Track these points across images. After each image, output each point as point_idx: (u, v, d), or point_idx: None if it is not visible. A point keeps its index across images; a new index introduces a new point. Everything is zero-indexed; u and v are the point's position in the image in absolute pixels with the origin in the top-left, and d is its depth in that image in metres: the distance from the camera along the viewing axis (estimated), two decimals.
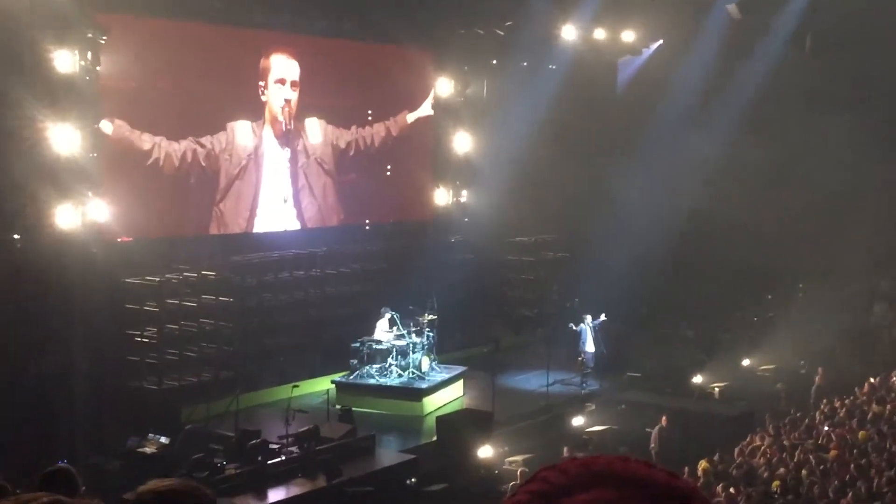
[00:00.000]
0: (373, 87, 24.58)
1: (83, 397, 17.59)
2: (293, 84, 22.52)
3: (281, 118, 22.45)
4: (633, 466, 2.47)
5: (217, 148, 21.25)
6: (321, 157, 23.57)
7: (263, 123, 22.20)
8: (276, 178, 22.61)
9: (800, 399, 21.47)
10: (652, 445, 19.02)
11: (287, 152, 22.81)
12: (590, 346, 23.21)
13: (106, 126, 18.72)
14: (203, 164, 21.05)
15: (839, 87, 26.37)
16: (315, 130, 23.38)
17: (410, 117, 25.52)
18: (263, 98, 22.17)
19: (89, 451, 17.10)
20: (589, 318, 23.29)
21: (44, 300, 17.32)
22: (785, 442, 17.27)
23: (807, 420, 18.69)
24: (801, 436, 17.64)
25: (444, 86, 26.04)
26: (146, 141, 19.80)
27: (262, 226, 22.40)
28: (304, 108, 22.93)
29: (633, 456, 2.54)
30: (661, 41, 28.80)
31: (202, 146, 20.96)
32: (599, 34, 27.18)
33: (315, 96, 23.18)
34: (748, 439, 17.88)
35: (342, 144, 24.01)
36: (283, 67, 22.38)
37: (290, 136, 22.77)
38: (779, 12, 27.34)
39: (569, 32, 26.30)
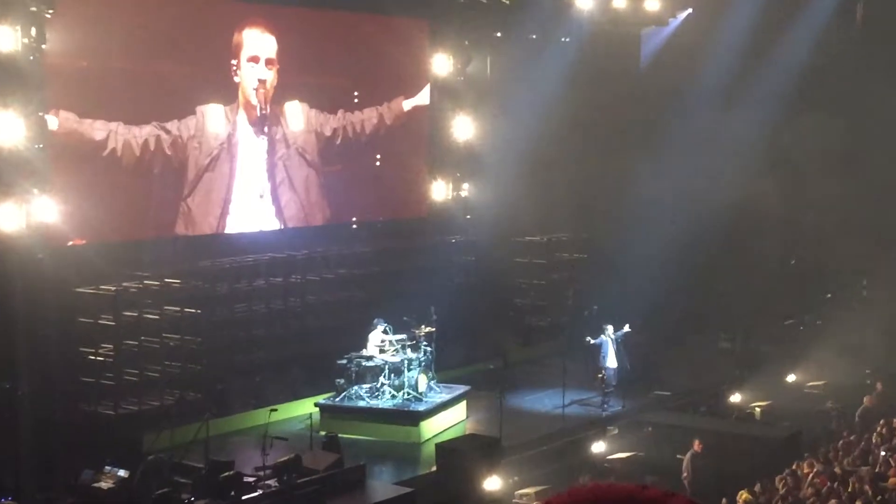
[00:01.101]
0: (361, 65, 24.56)
1: (29, 424, 17.57)
2: (268, 62, 22.51)
3: (255, 101, 22.44)
4: (652, 494, 2.50)
5: (185, 134, 21.23)
6: (303, 146, 23.55)
7: (237, 108, 22.20)
8: (252, 170, 22.58)
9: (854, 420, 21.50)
10: (684, 475, 19.02)
11: (263, 141, 22.78)
12: (611, 362, 23.20)
13: (51, 121, 18.66)
14: (168, 152, 21.00)
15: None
16: (296, 116, 23.37)
17: (407, 104, 25.52)
18: (236, 79, 22.15)
19: (38, 487, 17.08)
20: (610, 328, 23.26)
21: None
22: (837, 469, 17.27)
23: (862, 444, 18.69)
24: (855, 462, 17.65)
25: (441, 63, 26.01)
26: (99, 129, 19.74)
27: (234, 225, 22.38)
28: (284, 90, 22.93)
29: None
30: (689, 9, 28.81)
31: (167, 132, 20.93)
32: (619, 2, 27.18)
33: (295, 76, 23.17)
34: (794, 466, 17.88)
35: (327, 132, 24.00)
36: (256, 43, 22.34)
37: (266, 123, 22.75)
38: None
39: (585, 1, 26.30)
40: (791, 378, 24.86)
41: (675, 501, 2.51)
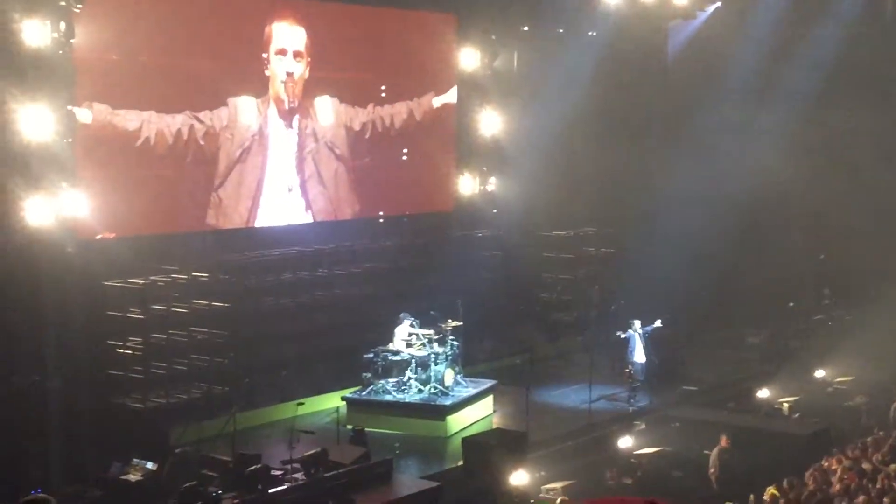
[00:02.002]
0: (390, 59, 24.56)
1: (58, 417, 17.63)
2: (296, 54, 22.48)
3: (284, 95, 22.46)
4: None
5: (217, 125, 21.22)
6: (332, 140, 23.55)
7: (268, 101, 22.22)
8: (281, 163, 22.60)
9: (884, 416, 21.35)
10: (711, 470, 18.95)
11: (293, 134, 22.79)
12: (639, 357, 23.12)
13: (84, 114, 18.67)
14: (201, 142, 20.94)
15: None
16: (326, 110, 23.37)
17: (437, 101, 25.48)
18: (267, 72, 22.17)
19: (66, 479, 17.14)
20: (638, 323, 23.18)
21: (12, 307, 17.37)
22: (865, 466, 17.16)
23: (890, 440, 18.57)
24: (884, 458, 17.53)
25: (468, 57, 25.97)
26: (132, 119, 19.70)
27: (263, 219, 22.36)
28: (313, 83, 22.92)
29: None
30: (718, 2, 28.66)
31: (200, 122, 20.92)
32: None
33: (325, 70, 23.14)
34: (823, 462, 17.78)
35: (357, 126, 23.98)
36: (285, 36, 22.34)
37: (296, 116, 22.79)
38: None
39: None
40: (820, 373, 24.72)
41: None
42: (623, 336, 23.23)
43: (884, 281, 26.76)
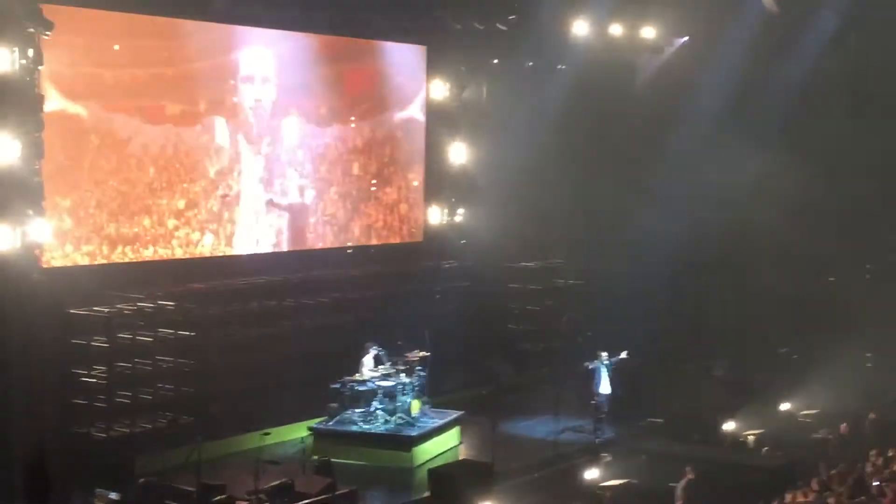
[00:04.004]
0: (357, 87, 24.70)
1: (20, 446, 17.45)
2: (264, 81, 22.76)
3: (252, 120, 22.67)
4: None
5: (184, 150, 21.59)
6: (299, 166, 23.68)
7: (238, 127, 22.47)
8: (249, 190, 22.74)
9: (849, 449, 21.39)
10: (678, 502, 18.93)
11: (261, 160, 22.97)
12: (605, 388, 23.09)
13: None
14: (169, 168, 21.33)
15: (890, 89, 26.50)
16: (292, 134, 23.54)
17: (399, 116, 25.65)
18: (235, 99, 22.39)
19: None
20: (605, 355, 23.17)
21: None
22: (830, 500, 17.17)
23: (854, 473, 18.60)
24: (849, 491, 17.55)
25: (437, 88, 26.06)
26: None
27: (232, 247, 22.51)
28: (280, 109, 23.14)
29: None
30: (686, 37, 28.87)
31: (169, 146, 21.33)
32: (616, 30, 27.24)
33: (292, 97, 23.38)
34: (789, 497, 17.78)
35: (320, 149, 24.12)
36: (252, 63, 22.62)
37: (263, 142, 22.94)
38: (820, 4, 27.45)
39: (581, 28, 26.35)
40: (784, 406, 24.78)
41: None
42: (590, 367, 23.21)
43: (849, 312, 26.98)
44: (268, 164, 23.13)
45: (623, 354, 23.19)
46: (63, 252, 19.56)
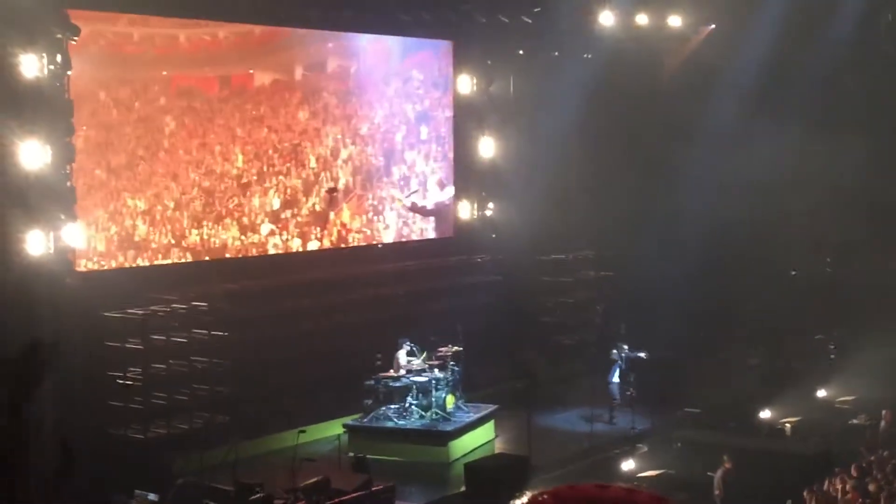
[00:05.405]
0: (387, 82, 24.79)
1: (57, 449, 17.55)
2: (297, 82, 22.80)
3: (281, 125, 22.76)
4: (613, 493, 2.54)
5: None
6: (333, 165, 23.78)
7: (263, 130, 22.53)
8: (281, 192, 22.82)
9: (886, 435, 21.26)
10: (716, 492, 18.86)
11: (293, 164, 23.09)
12: (617, 378, 23.26)
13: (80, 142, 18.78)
14: (201, 170, 21.43)
15: None
16: (327, 135, 23.58)
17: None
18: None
19: None
20: (626, 347, 23.27)
21: (11, 339, 17.30)
22: (871, 487, 17.07)
23: (894, 459, 18.49)
24: (888, 477, 17.44)
25: (464, 82, 26.03)
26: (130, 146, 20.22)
27: (263, 246, 22.55)
28: (314, 110, 23.21)
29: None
30: (712, 25, 28.71)
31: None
32: (642, 19, 27.12)
33: (324, 96, 23.42)
34: (825, 483, 17.70)
35: (357, 148, 24.15)
36: (282, 61, 22.72)
37: (295, 143, 23.01)
38: None
39: (607, 18, 26.25)
40: (821, 394, 24.66)
41: (638, 498, 2.54)
42: (622, 355, 23.28)
43: (885, 298, 26.76)
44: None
45: (640, 354, 23.23)
46: (94, 255, 19.65)
